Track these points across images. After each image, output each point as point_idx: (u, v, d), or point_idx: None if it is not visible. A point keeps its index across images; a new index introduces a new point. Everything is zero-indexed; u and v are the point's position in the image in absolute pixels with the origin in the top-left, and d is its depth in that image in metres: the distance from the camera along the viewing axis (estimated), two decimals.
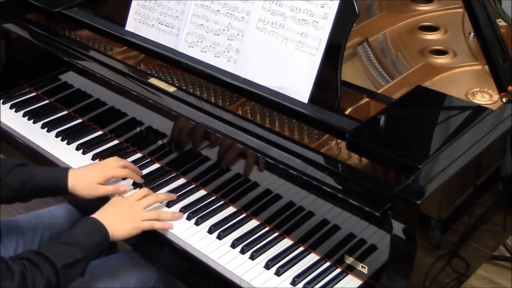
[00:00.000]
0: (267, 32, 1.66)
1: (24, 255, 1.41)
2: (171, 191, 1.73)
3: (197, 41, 1.80)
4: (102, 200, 1.66)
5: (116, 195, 1.69)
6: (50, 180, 1.67)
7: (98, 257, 1.60)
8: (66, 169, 1.70)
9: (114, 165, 1.73)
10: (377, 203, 1.37)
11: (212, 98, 1.80)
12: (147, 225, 1.59)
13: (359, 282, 1.48)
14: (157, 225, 1.60)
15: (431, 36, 2.02)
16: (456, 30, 2.02)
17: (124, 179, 1.76)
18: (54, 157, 1.91)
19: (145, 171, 1.82)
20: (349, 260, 1.47)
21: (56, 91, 2.13)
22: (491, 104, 1.70)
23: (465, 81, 1.81)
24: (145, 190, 1.67)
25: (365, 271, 1.45)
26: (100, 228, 1.52)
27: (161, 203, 1.67)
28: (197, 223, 1.64)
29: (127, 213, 1.58)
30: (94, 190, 1.68)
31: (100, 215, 1.56)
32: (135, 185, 1.76)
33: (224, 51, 1.74)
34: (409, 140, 1.45)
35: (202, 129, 1.68)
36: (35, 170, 1.68)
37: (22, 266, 1.37)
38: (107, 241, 1.53)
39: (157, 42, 1.89)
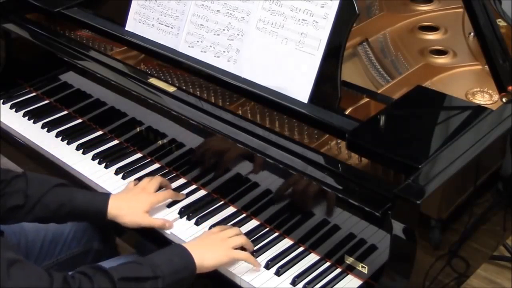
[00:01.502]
0: (267, 32, 1.66)
1: (79, 269, 1.34)
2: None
3: (197, 41, 1.80)
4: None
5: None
6: (90, 205, 1.60)
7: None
8: (107, 195, 1.64)
9: (152, 189, 1.67)
10: (377, 203, 1.37)
11: (212, 98, 1.80)
12: (239, 256, 1.51)
13: (359, 282, 1.48)
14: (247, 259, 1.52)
15: (431, 36, 2.02)
16: (456, 30, 2.02)
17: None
18: (54, 157, 1.91)
19: (145, 171, 1.82)
20: (349, 260, 1.47)
21: (56, 91, 2.13)
22: (491, 104, 1.70)
23: (465, 81, 1.81)
24: (237, 230, 1.57)
25: (365, 271, 1.45)
26: (183, 253, 1.43)
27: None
28: (197, 223, 1.64)
29: (218, 245, 1.50)
30: (141, 219, 1.61)
31: (188, 244, 1.49)
32: None
33: (224, 51, 1.74)
34: (409, 140, 1.45)
35: (202, 129, 1.68)
36: (74, 193, 1.61)
37: (69, 276, 1.29)
38: (192, 270, 1.42)
39: (157, 42, 1.89)
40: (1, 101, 2.15)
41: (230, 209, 1.68)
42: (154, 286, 1.35)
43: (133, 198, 1.64)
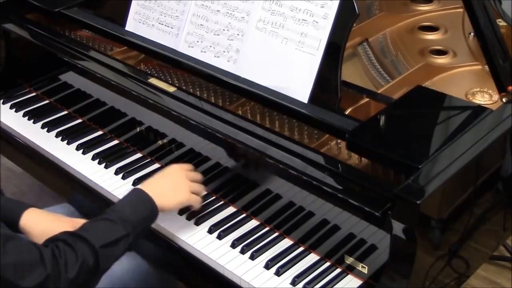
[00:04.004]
0: (267, 32, 1.66)
1: (60, 237, 1.36)
2: None
3: (197, 41, 1.80)
4: (101, 204, 1.66)
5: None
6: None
7: (146, 232, 1.53)
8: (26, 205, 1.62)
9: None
10: (377, 203, 1.37)
11: (212, 98, 1.80)
12: (194, 199, 1.59)
13: (359, 282, 1.48)
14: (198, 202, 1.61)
15: (431, 36, 2.02)
16: (456, 30, 2.02)
17: None
18: (54, 157, 1.91)
19: (145, 171, 1.82)
20: (349, 260, 1.47)
21: (56, 91, 2.13)
22: (491, 104, 1.70)
23: (465, 81, 1.81)
24: (190, 165, 1.66)
25: (365, 271, 1.45)
26: (148, 201, 1.48)
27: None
28: (197, 223, 1.64)
29: (179, 184, 1.57)
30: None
31: (149, 186, 1.53)
32: (135, 184, 1.76)
33: (224, 51, 1.74)
34: (409, 140, 1.45)
35: (202, 129, 1.68)
36: None
37: (54, 248, 1.32)
38: (155, 215, 1.50)
39: (157, 42, 1.89)
40: (1, 101, 2.15)
41: (230, 209, 1.68)
42: (127, 242, 1.43)
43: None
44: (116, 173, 1.82)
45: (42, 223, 1.58)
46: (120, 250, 1.42)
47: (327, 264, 1.52)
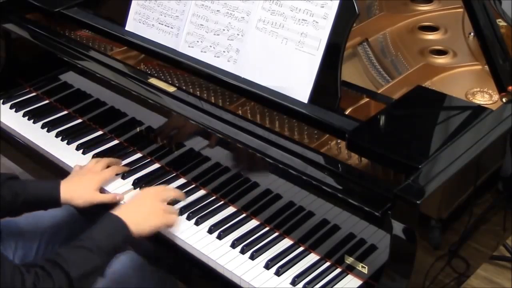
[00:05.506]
0: (267, 32, 1.66)
1: (38, 262, 1.39)
2: None
3: (197, 41, 1.80)
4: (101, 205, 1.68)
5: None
6: (42, 192, 1.66)
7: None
8: (57, 181, 1.69)
9: (99, 168, 1.75)
10: (377, 203, 1.37)
11: (212, 98, 1.80)
12: (171, 220, 1.60)
13: (359, 282, 1.48)
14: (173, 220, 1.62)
15: (431, 36, 2.02)
16: (456, 30, 2.02)
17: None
18: (54, 157, 1.91)
19: (145, 171, 1.82)
20: (349, 260, 1.47)
21: (56, 91, 2.13)
22: (491, 104, 1.70)
23: (465, 81, 1.81)
24: (171, 191, 1.70)
25: (365, 271, 1.45)
26: (123, 228, 1.50)
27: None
28: (197, 223, 1.64)
29: (153, 209, 1.59)
30: (92, 198, 1.68)
31: (124, 212, 1.54)
32: (136, 185, 1.76)
33: (224, 51, 1.74)
34: (409, 140, 1.45)
35: (202, 128, 1.68)
36: (27, 183, 1.67)
37: (35, 275, 1.35)
38: (128, 241, 1.53)
39: (157, 42, 1.89)
40: (1, 101, 2.15)
41: (230, 209, 1.68)
42: (100, 270, 1.47)
43: (82, 179, 1.72)
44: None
45: (80, 189, 1.68)
46: (94, 278, 1.46)
47: (327, 264, 1.52)
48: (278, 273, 1.50)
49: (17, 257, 1.72)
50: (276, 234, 1.60)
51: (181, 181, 1.78)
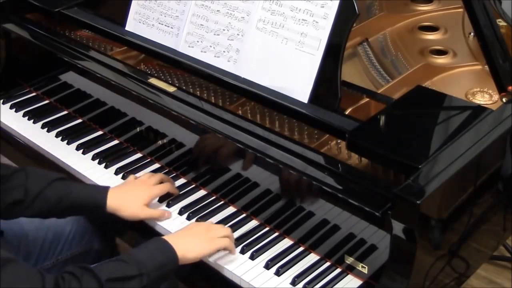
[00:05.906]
0: (267, 32, 1.66)
1: (67, 269, 1.34)
2: None
3: (197, 41, 1.80)
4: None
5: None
6: (89, 198, 1.60)
7: (164, 279, 1.47)
8: (106, 187, 1.63)
9: (152, 182, 1.67)
10: (377, 203, 1.37)
11: (212, 98, 1.80)
12: (221, 245, 1.52)
13: (359, 282, 1.48)
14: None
15: (431, 36, 2.02)
16: (456, 30, 2.02)
17: None
18: (54, 157, 1.91)
19: (145, 171, 1.82)
20: (349, 260, 1.47)
21: (56, 91, 2.13)
22: (491, 104, 1.70)
23: (465, 81, 1.81)
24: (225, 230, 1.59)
25: (365, 271, 1.45)
26: (166, 248, 1.44)
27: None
28: None
29: (201, 237, 1.52)
30: (141, 211, 1.61)
31: (171, 237, 1.50)
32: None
33: (224, 51, 1.74)
34: (409, 140, 1.45)
35: (202, 129, 1.68)
36: (73, 186, 1.61)
37: (59, 278, 1.30)
38: (174, 263, 1.44)
39: (157, 42, 1.89)
40: (1, 101, 2.15)
41: (230, 209, 1.68)
42: (139, 283, 1.37)
43: (133, 191, 1.64)
44: (116, 173, 1.82)
45: (129, 200, 1.61)
46: None
47: (327, 264, 1.52)
48: (278, 273, 1.50)
49: (20, 258, 1.71)
50: (276, 234, 1.60)
51: (181, 181, 1.78)
